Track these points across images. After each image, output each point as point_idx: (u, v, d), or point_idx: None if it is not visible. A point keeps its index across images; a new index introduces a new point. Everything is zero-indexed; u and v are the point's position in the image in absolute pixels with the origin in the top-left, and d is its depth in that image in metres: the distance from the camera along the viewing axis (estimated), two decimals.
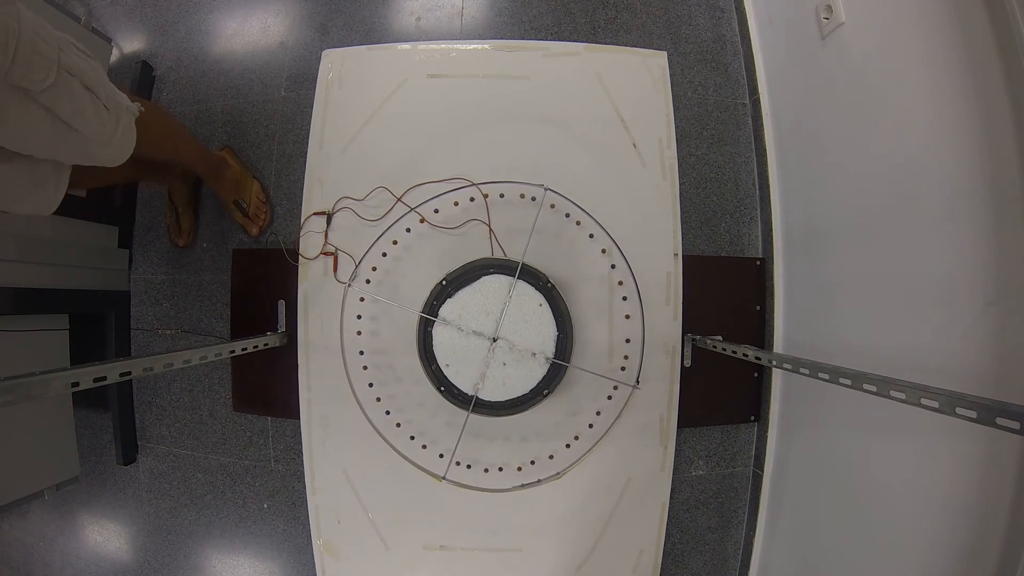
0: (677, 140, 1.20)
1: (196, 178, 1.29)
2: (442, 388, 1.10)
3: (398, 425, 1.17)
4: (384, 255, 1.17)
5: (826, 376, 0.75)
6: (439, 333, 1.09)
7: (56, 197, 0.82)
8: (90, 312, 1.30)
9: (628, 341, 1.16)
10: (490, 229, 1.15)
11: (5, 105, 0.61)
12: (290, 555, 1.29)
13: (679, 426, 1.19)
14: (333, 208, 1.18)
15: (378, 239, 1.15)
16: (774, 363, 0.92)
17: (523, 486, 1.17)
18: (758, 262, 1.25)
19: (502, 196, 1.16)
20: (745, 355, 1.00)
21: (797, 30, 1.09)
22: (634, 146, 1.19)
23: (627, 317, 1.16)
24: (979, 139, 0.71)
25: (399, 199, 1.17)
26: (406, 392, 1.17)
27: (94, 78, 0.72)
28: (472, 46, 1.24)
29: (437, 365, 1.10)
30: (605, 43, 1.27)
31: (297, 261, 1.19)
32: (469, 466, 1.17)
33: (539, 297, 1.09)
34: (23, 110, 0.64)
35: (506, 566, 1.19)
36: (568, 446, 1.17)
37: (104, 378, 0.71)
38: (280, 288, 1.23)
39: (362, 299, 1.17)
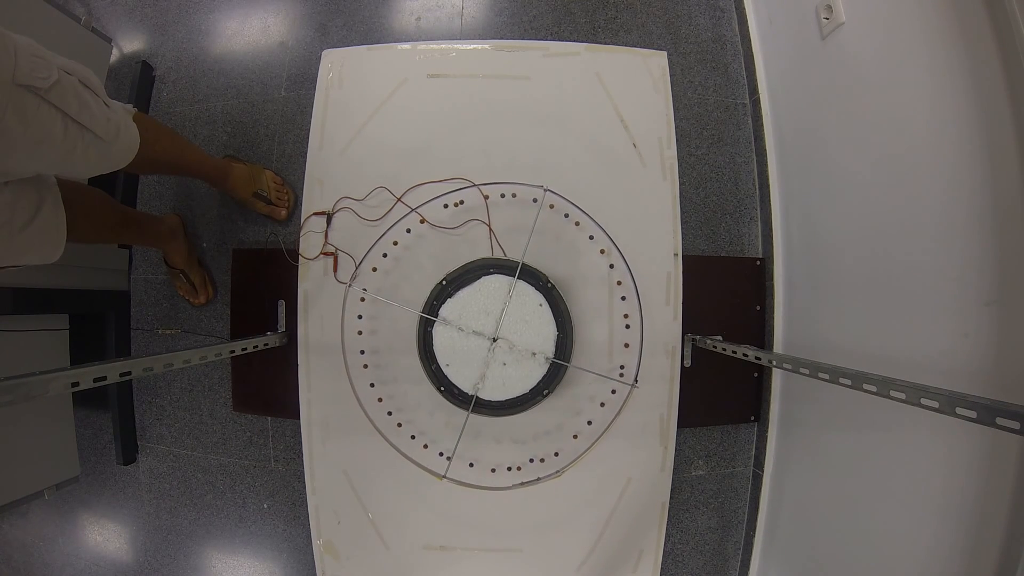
0: (677, 140, 1.20)
1: (185, 236, 1.26)
2: (442, 388, 1.10)
3: (399, 425, 1.17)
4: (384, 255, 1.17)
5: (826, 376, 0.75)
6: (439, 333, 1.09)
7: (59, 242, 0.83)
8: (90, 312, 1.30)
9: (628, 341, 1.16)
10: (490, 229, 1.15)
11: (22, 105, 0.62)
12: (290, 555, 1.29)
13: (679, 426, 1.18)
14: (333, 208, 1.18)
15: (378, 239, 1.15)
16: (774, 363, 0.92)
17: (523, 484, 1.17)
18: (758, 262, 1.25)
19: (502, 196, 1.16)
20: (745, 355, 1.00)
21: (797, 30, 1.09)
22: (634, 146, 1.19)
23: (627, 317, 1.16)
24: (979, 139, 0.71)
25: (399, 199, 1.17)
26: (406, 392, 1.17)
27: (88, 77, 0.74)
28: (472, 46, 1.24)
29: (437, 365, 1.10)
30: (605, 43, 1.27)
31: (297, 261, 1.19)
32: (471, 464, 1.17)
33: (539, 297, 1.09)
34: (37, 110, 0.64)
35: (506, 566, 1.19)
36: (568, 446, 1.17)
37: (104, 378, 0.71)
38: (280, 288, 1.23)
39: (362, 299, 1.17)
